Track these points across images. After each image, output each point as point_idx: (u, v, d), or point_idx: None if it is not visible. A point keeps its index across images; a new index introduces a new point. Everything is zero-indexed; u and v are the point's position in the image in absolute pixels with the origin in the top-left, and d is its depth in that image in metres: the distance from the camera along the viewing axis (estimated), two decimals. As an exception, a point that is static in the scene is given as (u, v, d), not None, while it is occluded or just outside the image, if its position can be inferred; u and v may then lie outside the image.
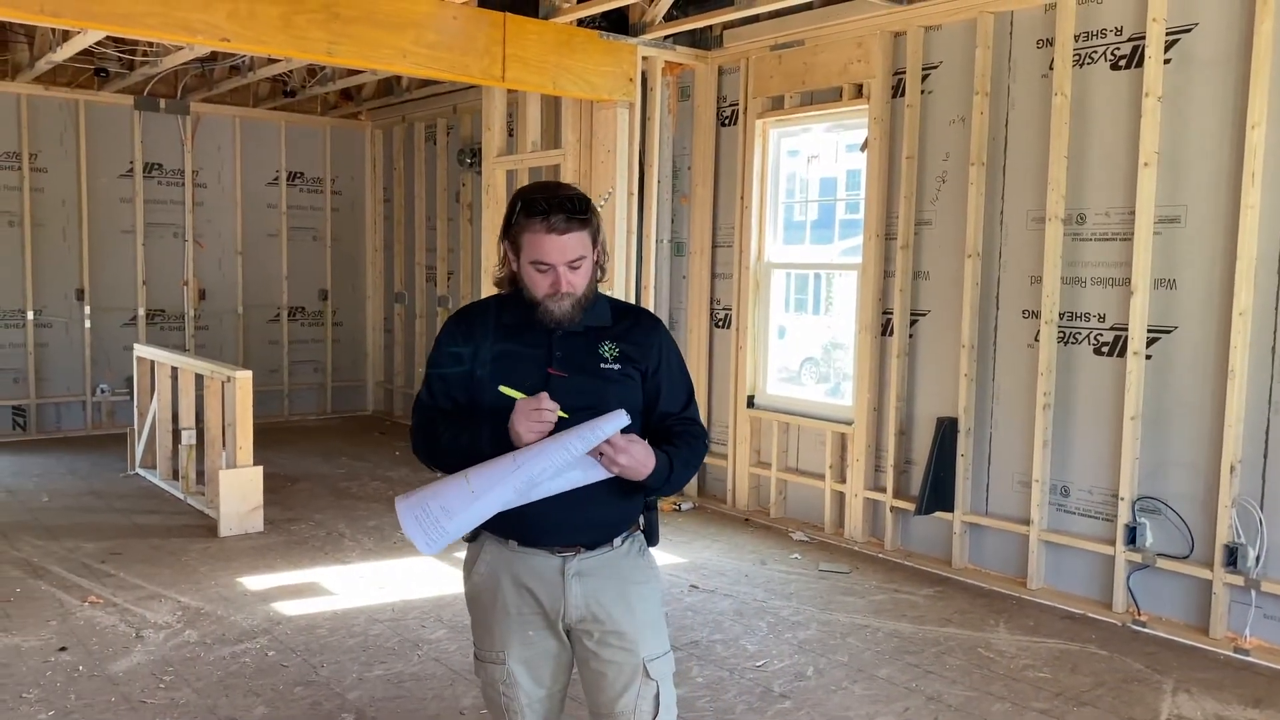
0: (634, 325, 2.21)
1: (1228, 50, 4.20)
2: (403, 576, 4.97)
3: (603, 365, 2.13)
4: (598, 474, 2.03)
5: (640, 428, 2.16)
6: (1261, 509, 4.13)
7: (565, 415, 2.01)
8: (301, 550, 5.37)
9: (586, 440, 1.98)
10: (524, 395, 2.03)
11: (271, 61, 7.20)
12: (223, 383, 5.75)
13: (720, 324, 6.43)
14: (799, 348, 8.85)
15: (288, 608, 4.50)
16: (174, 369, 6.38)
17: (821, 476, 5.84)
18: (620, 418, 1.99)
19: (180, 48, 6.47)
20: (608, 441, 1.98)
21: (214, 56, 7.52)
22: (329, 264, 9.54)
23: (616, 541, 2.17)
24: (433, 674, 3.83)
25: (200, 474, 6.19)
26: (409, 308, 9.35)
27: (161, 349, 6.92)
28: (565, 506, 2.06)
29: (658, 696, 2.13)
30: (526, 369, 2.09)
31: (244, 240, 9.06)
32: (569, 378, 2.11)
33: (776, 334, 6.55)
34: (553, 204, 2.05)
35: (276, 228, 9.24)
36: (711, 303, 6.48)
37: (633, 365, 2.16)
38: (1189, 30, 4.32)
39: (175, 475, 6.45)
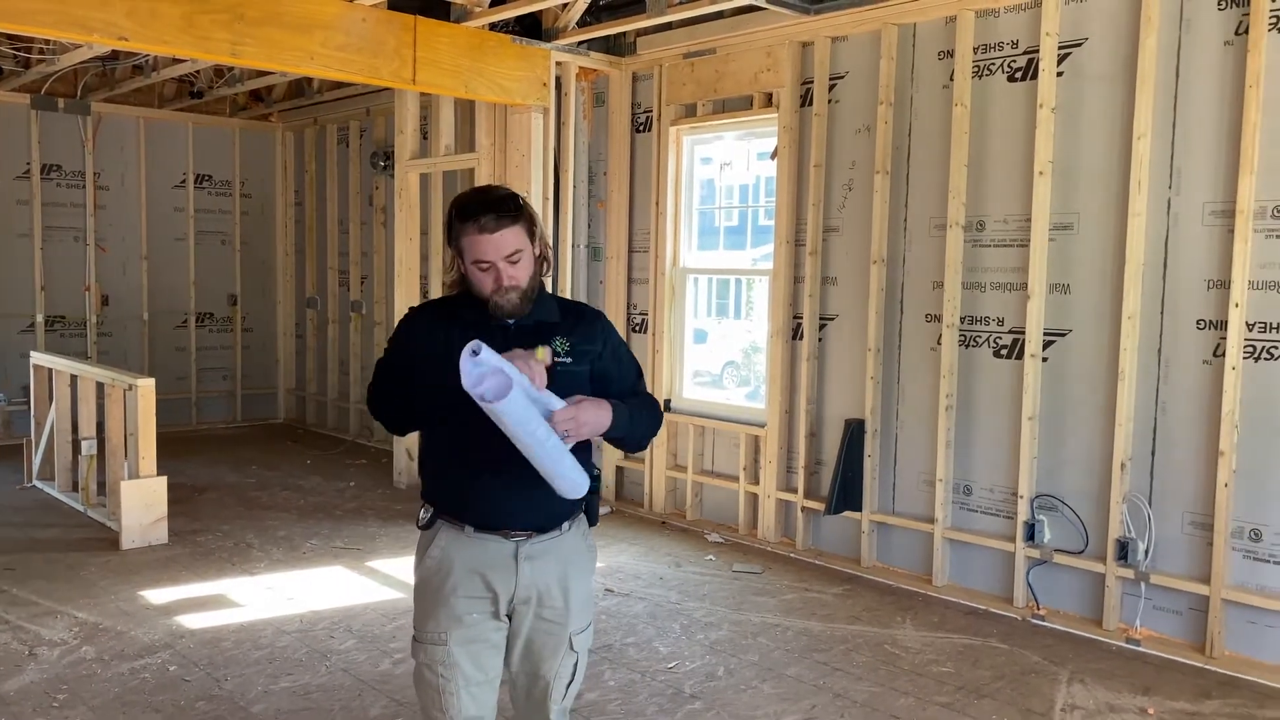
0: (580, 319, 2.35)
1: (1115, 64, 4.38)
2: (312, 587, 4.88)
3: (556, 358, 2.22)
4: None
5: None
6: (1150, 504, 4.31)
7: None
8: (207, 562, 5.24)
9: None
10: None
11: (176, 62, 7.03)
12: (124, 391, 5.58)
13: (637, 329, 6.47)
14: (721, 352, 8.95)
15: (191, 621, 4.39)
16: (73, 377, 6.18)
17: (736, 479, 5.92)
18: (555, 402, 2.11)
19: (78, 46, 6.28)
20: (560, 415, 2.08)
21: (115, 55, 7.31)
22: (238, 269, 9.33)
23: (565, 525, 2.29)
24: (341, 684, 3.78)
25: (101, 485, 6.00)
26: (321, 313, 9.19)
27: (61, 357, 6.70)
28: (520, 492, 2.18)
29: (576, 666, 2.34)
30: None
31: (149, 244, 8.81)
32: None
33: (693, 338, 6.62)
34: (482, 206, 2.17)
35: (184, 231, 9.00)
36: (629, 308, 6.51)
37: (582, 357, 2.28)
38: (1079, 45, 4.49)
39: (75, 487, 6.24)
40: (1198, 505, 4.20)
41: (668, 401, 6.29)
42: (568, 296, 6.28)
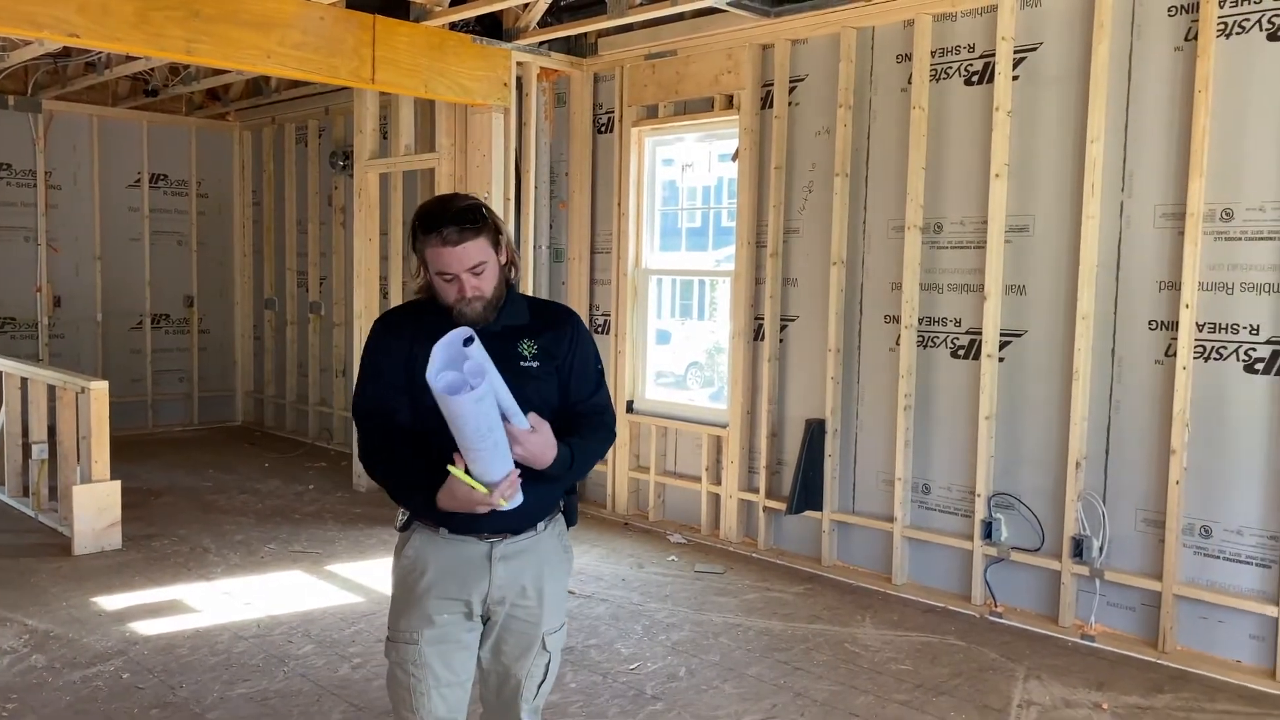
0: (549, 320, 2.33)
1: (1070, 68, 4.45)
2: (270, 592, 4.83)
3: (522, 363, 2.22)
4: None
5: (554, 418, 2.25)
6: (1104, 502, 4.38)
7: (505, 506, 2.09)
8: (162, 567, 5.16)
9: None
10: (474, 482, 2.04)
11: (130, 59, 6.92)
12: (77, 394, 5.49)
13: (600, 330, 6.46)
14: (685, 352, 8.98)
15: (145, 627, 4.32)
16: (24, 379, 6.06)
17: (698, 479, 5.93)
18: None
19: (28, 42, 6.16)
20: (513, 430, 2.06)
21: (67, 52, 7.17)
22: (195, 269, 9.19)
23: (540, 526, 2.29)
24: (299, 690, 3.74)
25: (53, 490, 5.89)
26: (279, 314, 9.09)
27: (11, 359, 6.55)
28: None
29: (548, 665, 2.35)
30: None
31: (103, 245, 8.65)
32: None
33: (655, 339, 6.62)
34: (444, 217, 2.14)
35: (139, 231, 8.85)
36: (591, 309, 6.50)
37: (550, 360, 2.27)
38: (1035, 49, 4.55)
39: (26, 492, 6.11)
40: (1150, 503, 4.27)
41: (630, 403, 6.29)
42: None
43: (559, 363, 2.29)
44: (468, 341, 1.97)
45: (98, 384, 5.43)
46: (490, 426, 2.00)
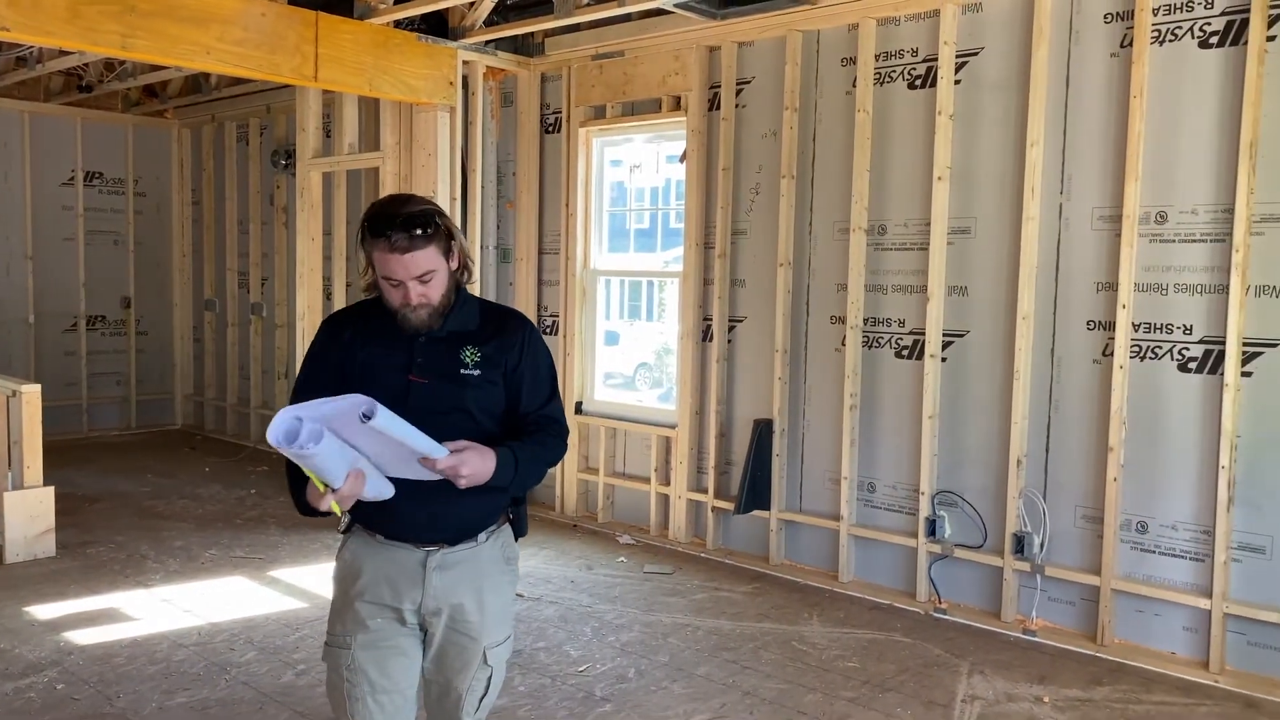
0: (499, 327, 2.26)
1: (1010, 73, 4.52)
2: (211, 599, 4.73)
3: (463, 370, 2.17)
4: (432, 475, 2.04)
5: (499, 427, 2.23)
6: (1045, 499, 4.47)
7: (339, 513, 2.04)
8: (99, 575, 5.03)
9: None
10: (322, 486, 2.01)
11: (63, 54, 6.74)
12: (8, 398, 5.33)
13: (548, 331, 6.43)
14: (634, 353, 8.99)
15: (81, 636, 4.21)
16: (-49, 383, 5.87)
17: (647, 480, 5.93)
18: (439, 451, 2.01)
19: (-44, 35, 5.97)
20: (442, 464, 2.00)
21: (-3, 46, 6.97)
22: (132, 270, 8.98)
23: (481, 537, 2.23)
24: (241, 698, 3.67)
25: (-17, 497, 5.72)
26: (220, 315, 8.92)
27: (-63, 362, 6.37)
28: (429, 504, 2.12)
29: (490, 679, 2.28)
30: (389, 375, 2.13)
31: (35, 244, 8.41)
32: (429, 383, 2.16)
33: (603, 340, 6.61)
34: (393, 223, 2.06)
35: (73, 231, 8.62)
36: (539, 310, 6.48)
37: (494, 368, 2.20)
38: (976, 54, 4.63)
39: (-46, 499, 5.93)
40: (1089, 499, 4.36)
41: (579, 404, 6.27)
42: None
43: (505, 371, 2.22)
44: (366, 417, 1.88)
45: (29, 387, 5.29)
46: (335, 467, 1.96)
